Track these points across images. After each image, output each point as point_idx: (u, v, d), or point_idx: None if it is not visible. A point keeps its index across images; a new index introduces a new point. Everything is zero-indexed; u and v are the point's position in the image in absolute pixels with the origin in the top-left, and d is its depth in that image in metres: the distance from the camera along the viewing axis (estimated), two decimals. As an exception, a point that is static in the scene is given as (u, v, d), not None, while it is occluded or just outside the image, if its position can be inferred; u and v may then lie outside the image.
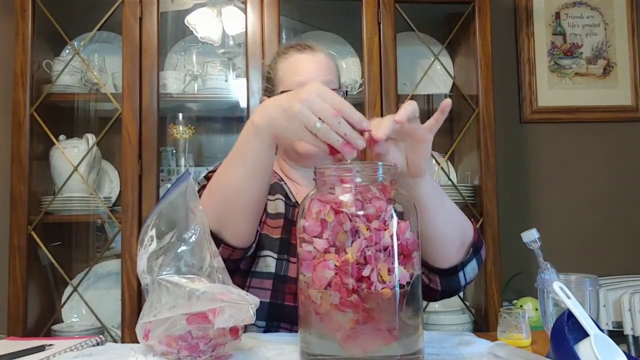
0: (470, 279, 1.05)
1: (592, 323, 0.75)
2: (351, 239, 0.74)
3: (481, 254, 1.06)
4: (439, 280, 1.04)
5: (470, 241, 1.03)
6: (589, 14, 2.59)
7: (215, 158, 2.31)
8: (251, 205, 0.94)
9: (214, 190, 0.94)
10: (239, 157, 0.91)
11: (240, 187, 0.91)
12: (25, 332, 1.90)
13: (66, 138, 2.08)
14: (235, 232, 0.95)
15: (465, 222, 1.03)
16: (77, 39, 2.15)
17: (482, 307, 2.13)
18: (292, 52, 1.20)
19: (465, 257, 1.02)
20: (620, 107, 2.57)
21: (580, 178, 2.54)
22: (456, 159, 2.34)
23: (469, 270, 1.04)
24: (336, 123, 0.78)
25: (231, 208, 0.93)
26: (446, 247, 0.99)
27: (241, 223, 0.95)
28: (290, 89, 1.08)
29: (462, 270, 1.03)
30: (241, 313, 0.74)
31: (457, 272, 1.03)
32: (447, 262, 1.01)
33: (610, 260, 2.47)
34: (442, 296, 1.08)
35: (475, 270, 1.05)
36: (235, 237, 0.96)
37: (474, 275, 1.06)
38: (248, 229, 0.97)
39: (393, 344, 0.75)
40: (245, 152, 0.89)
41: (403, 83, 2.18)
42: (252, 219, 0.96)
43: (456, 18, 2.21)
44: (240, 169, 0.90)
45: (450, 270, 1.02)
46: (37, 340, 0.99)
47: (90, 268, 2.03)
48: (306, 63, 1.18)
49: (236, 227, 0.95)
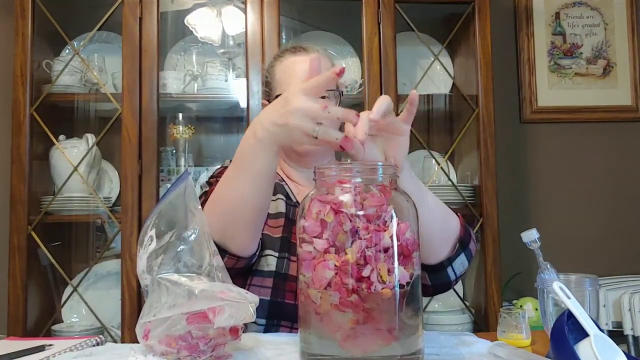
0: (460, 273, 1.06)
1: (592, 323, 0.75)
2: (351, 240, 0.74)
3: (470, 249, 1.07)
4: (428, 276, 1.05)
5: (456, 236, 1.03)
6: (589, 14, 2.59)
7: (215, 158, 2.31)
8: (256, 217, 0.95)
9: (218, 203, 0.95)
10: (244, 171, 0.91)
11: (246, 200, 0.92)
12: (25, 332, 1.90)
13: (66, 138, 2.08)
14: (240, 243, 0.97)
15: (450, 217, 1.03)
16: (77, 39, 2.15)
17: (482, 307, 2.13)
18: (287, 54, 1.23)
19: (452, 252, 1.03)
20: (620, 107, 2.57)
21: (580, 178, 2.54)
22: (456, 159, 2.34)
23: (458, 265, 1.04)
24: (326, 114, 0.79)
25: (236, 220, 0.94)
26: (430, 243, 0.99)
27: (246, 234, 0.96)
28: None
29: (449, 266, 1.03)
30: (241, 312, 0.74)
31: (445, 268, 1.03)
32: (432, 258, 1.02)
33: (610, 260, 2.47)
34: (435, 291, 1.09)
35: (465, 265, 1.06)
36: (240, 247, 0.97)
37: (464, 270, 1.07)
38: (252, 239, 0.99)
39: (393, 344, 0.75)
40: (250, 165, 0.90)
41: (403, 83, 2.18)
42: (256, 229, 0.98)
43: (456, 18, 2.21)
44: (245, 183, 0.91)
45: (437, 266, 1.03)
46: (37, 340, 0.99)
47: (90, 268, 2.03)
48: (300, 64, 1.19)
49: (241, 238, 0.97)
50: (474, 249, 1.08)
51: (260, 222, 0.98)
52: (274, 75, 1.23)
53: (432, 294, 1.11)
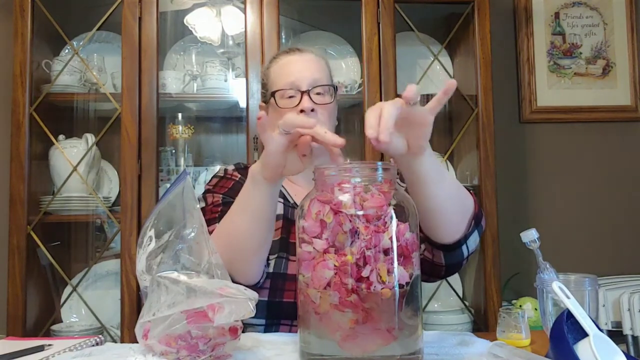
0: (472, 250, 1.06)
1: (591, 323, 0.75)
2: (350, 240, 0.74)
3: (482, 225, 1.07)
4: (443, 255, 1.05)
5: (471, 213, 1.03)
6: (588, 14, 2.59)
7: (215, 158, 2.31)
8: (257, 252, 1.00)
9: (223, 237, 0.99)
10: (243, 208, 0.97)
11: (246, 235, 0.97)
12: (25, 332, 1.90)
13: (65, 138, 2.08)
14: (244, 274, 1.01)
15: (466, 195, 1.03)
16: (77, 39, 2.15)
17: (481, 307, 2.13)
18: (282, 55, 1.25)
19: (468, 230, 1.03)
20: (619, 107, 2.57)
21: (580, 178, 2.54)
22: (455, 159, 2.34)
23: (471, 242, 1.05)
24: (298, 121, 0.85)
25: (239, 253, 0.99)
26: (448, 221, 0.99)
27: (249, 266, 1.01)
28: (281, 88, 1.16)
29: (464, 243, 1.03)
30: (241, 308, 0.74)
31: (460, 247, 1.03)
32: (450, 237, 1.01)
33: (609, 260, 2.47)
34: (447, 272, 1.09)
35: (477, 241, 1.07)
36: (244, 277, 1.01)
37: (476, 247, 1.08)
38: (256, 270, 1.04)
39: (392, 344, 0.75)
40: (248, 202, 0.96)
41: (402, 83, 2.17)
42: (259, 261, 1.03)
43: (455, 18, 2.21)
44: (244, 218, 0.97)
45: (454, 245, 1.03)
46: (36, 340, 0.99)
47: (90, 268, 2.02)
48: (294, 63, 1.21)
49: (244, 270, 1.01)
50: (484, 225, 1.09)
51: (262, 256, 1.02)
52: (269, 75, 1.24)
53: (443, 275, 1.10)
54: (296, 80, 1.16)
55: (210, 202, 1.17)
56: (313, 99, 1.15)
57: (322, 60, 1.25)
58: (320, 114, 1.15)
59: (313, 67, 1.20)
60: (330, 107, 1.18)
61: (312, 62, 1.21)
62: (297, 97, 1.15)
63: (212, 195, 1.18)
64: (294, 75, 1.18)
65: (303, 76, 1.17)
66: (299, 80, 1.16)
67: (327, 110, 1.17)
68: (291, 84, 1.16)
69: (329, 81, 1.22)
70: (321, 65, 1.23)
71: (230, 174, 1.24)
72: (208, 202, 1.17)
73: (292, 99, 1.16)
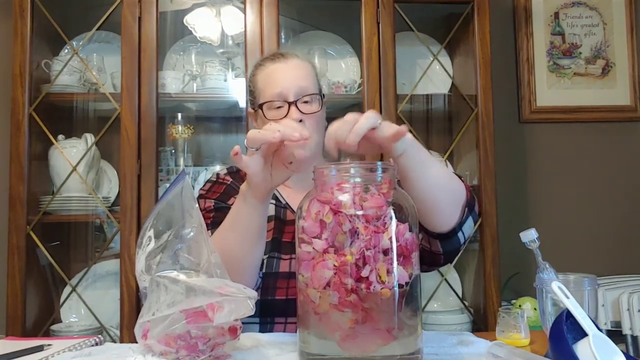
0: (468, 235, 1.08)
1: (590, 323, 0.75)
2: (350, 240, 0.75)
3: (475, 210, 1.09)
4: (440, 243, 1.06)
5: (464, 201, 1.04)
6: (588, 13, 2.59)
7: (214, 158, 2.31)
8: (249, 265, 1.04)
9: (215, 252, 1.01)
10: (233, 224, 1.01)
11: (237, 252, 1.00)
12: (24, 332, 1.90)
13: (65, 138, 2.08)
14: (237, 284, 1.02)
15: (456, 183, 1.04)
16: (76, 39, 2.15)
17: (480, 307, 2.13)
18: (267, 63, 1.24)
19: (462, 217, 1.04)
20: (619, 107, 2.57)
21: (579, 178, 2.54)
22: (455, 159, 2.33)
23: (467, 228, 1.06)
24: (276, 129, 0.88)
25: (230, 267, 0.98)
26: (440, 210, 1.00)
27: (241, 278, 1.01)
28: (269, 100, 1.17)
29: (460, 230, 1.05)
30: (240, 307, 0.74)
31: (457, 233, 1.05)
32: (445, 226, 1.02)
33: (608, 260, 2.47)
34: (446, 259, 1.10)
35: (472, 226, 1.08)
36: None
37: (472, 232, 1.10)
38: (249, 281, 1.05)
39: (392, 344, 0.75)
40: (238, 219, 1.00)
41: (402, 83, 2.17)
42: (251, 273, 1.06)
43: (455, 18, 2.21)
44: (234, 234, 1.00)
45: (450, 232, 1.04)
46: (35, 340, 0.99)
47: (89, 268, 2.02)
48: (280, 72, 1.21)
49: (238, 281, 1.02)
50: (478, 210, 1.10)
51: (254, 270, 1.05)
52: (255, 83, 1.24)
53: (442, 263, 1.12)
54: (283, 90, 1.16)
55: (203, 207, 1.18)
56: (301, 109, 1.16)
57: (308, 65, 1.25)
58: (309, 123, 1.15)
59: (299, 74, 1.20)
60: (317, 115, 1.19)
61: (298, 69, 1.21)
62: (285, 108, 1.16)
63: (205, 200, 1.20)
64: (280, 85, 1.17)
65: (289, 86, 1.17)
66: (286, 90, 1.16)
67: (314, 118, 1.18)
68: (278, 95, 1.17)
69: (315, 87, 1.22)
70: (307, 70, 1.23)
71: (222, 179, 1.25)
72: (201, 208, 1.18)
73: (279, 110, 1.17)
